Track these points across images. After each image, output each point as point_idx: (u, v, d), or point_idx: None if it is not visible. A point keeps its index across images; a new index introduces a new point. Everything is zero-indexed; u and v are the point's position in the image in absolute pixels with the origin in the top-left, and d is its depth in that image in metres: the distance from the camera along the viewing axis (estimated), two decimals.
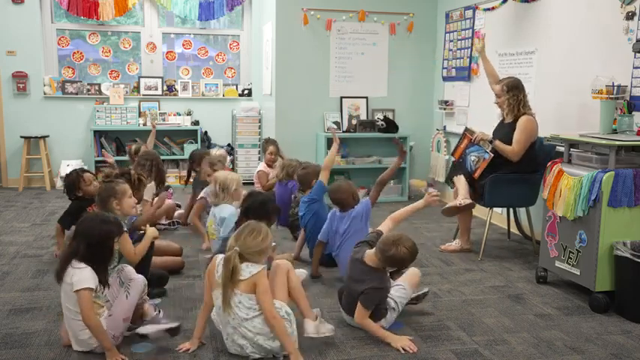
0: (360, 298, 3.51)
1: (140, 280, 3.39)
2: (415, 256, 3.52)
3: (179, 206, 6.76)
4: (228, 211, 4.68)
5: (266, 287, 3.16)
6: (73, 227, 3.39)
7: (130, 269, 3.44)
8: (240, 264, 3.15)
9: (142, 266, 3.80)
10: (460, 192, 5.15)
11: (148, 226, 3.93)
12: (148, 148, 6.72)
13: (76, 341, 3.20)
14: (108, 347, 3.12)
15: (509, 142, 5.03)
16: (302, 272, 4.23)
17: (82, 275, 3.09)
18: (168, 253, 4.77)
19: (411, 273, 3.79)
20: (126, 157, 7.18)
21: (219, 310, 3.24)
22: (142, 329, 3.28)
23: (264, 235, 3.22)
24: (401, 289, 3.69)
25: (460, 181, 5.19)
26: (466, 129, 5.37)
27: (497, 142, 5.07)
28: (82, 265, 3.12)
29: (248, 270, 3.15)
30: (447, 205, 5.16)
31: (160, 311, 3.55)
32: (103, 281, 3.19)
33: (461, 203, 5.05)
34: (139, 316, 3.44)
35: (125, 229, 3.66)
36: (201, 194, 5.58)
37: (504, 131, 5.14)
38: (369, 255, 3.59)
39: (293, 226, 5.67)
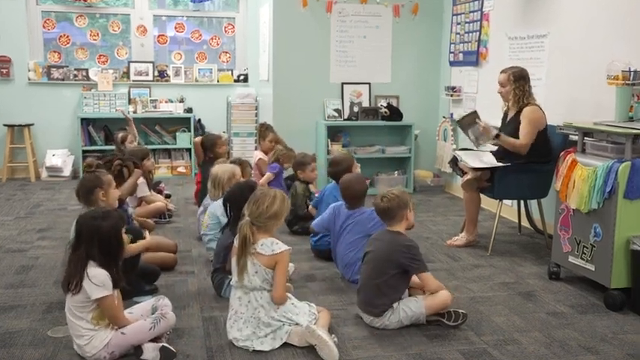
0: (414, 264, 3.59)
1: (171, 320, 3.33)
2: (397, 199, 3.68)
3: (169, 197, 6.78)
4: (216, 204, 4.78)
5: (284, 269, 3.38)
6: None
7: (168, 303, 3.41)
8: (257, 235, 3.35)
9: (131, 263, 3.80)
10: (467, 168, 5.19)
11: (147, 233, 4.08)
12: (135, 141, 6.94)
13: (76, 344, 3.19)
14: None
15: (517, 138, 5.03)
16: (291, 266, 4.29)
17: (102, 282, 3.08)
18: (163, 249, 4.75)
19: (438, 295, 3.66)
20: (114, 147, 7.16)
21: (235, 283, 3.41)
22: (145, 354, 3.19)
23: (271, 201, 3.39)
24: (413, 300, 3.65)
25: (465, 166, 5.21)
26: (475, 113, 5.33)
27: (503, 137, 5.03)
28: (99, 271, 3.10)
29: (271, 247, 3.34)
30: (465, 178, 5.19)
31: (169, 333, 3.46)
32: (117, 279, 3.17)
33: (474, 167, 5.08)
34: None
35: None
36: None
37: (510, 128, 5.13)
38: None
39: (289, 220, 5.66)
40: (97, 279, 3.06)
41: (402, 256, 3.57)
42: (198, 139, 6.73)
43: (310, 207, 5.39)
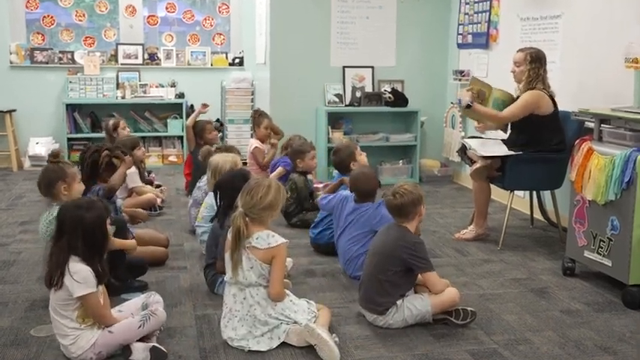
0: (419, 263, 3.57)
1: (162, 317, 3.32)
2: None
3: (159, 187, 6.78)
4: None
5: (282, 264, 3.38)
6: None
7: (159, 299, 3.41)
8: (251, 228, 3.32)
9: (119, 256, 3.80)
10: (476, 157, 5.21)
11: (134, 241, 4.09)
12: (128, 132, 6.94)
13: (61, 345, 3.17)
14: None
15: (523, 126, 5.04)
16: (289, 261, 4.30)
17: (84, 279, 3.05)
18: (153, 243, 4.75)
19: (445, 292, 3.63)
20: (102, 134, 7.15)
21: (229, 279, 3.39)
22: (135, 354, 3.18)
23: (266, 190, 3.36)
24: (419, 297, 3.63)
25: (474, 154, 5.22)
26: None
27: (476, 106, 5.08)
28: (81, 267, 3.07)
29: (267, 240, 3.32)
30: (474, 167, 5.22)
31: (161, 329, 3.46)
32: (101, 275, 3.14)
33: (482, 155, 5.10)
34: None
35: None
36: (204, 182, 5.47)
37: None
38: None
39: (287, 212, 5.66)
40: (79, 275, 3.03)
41: (406, 253, 3.55)
42: (191, 121, 6.69)
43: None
